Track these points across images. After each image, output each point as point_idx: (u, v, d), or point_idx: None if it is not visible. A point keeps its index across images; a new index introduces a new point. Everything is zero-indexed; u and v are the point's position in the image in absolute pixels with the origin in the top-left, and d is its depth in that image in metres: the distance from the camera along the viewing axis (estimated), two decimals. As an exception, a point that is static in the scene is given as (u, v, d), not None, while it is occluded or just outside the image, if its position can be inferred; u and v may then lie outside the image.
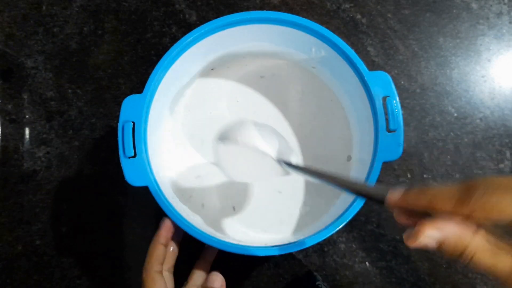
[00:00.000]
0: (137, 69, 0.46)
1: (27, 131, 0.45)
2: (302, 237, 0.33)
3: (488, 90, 0.46)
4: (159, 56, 0.35)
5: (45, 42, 0.46)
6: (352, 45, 0.43)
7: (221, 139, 0.33)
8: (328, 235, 0.32)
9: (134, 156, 0.33)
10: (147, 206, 0.43)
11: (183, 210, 0.36)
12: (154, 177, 0.34)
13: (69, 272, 0.43)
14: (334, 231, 0.32)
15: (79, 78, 0.46)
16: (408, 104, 0.46)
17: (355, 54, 0.35)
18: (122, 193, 0.44)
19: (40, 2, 0.47)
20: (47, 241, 0.43)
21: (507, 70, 0.47)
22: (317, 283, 0.41)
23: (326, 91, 0.43)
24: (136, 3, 0.47)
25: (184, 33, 0.35)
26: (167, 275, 0.35)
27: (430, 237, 0.18)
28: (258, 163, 0.32)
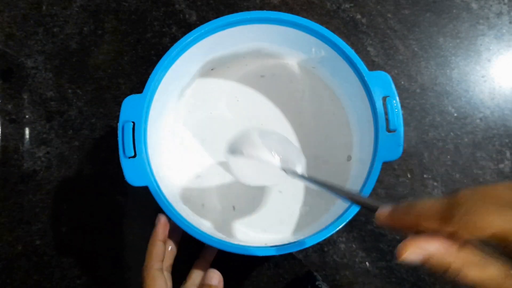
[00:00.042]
0: (137, 69, 0.46)
1: (27, 131, 0.45)
2: (302, 237, 0.33)
3: (488, 90, 0.46)
4: (159, 56, 0.35)
5: (45, 42, 0.46)
6: (352, 45, 0.43)
7: (230, 152, 0.35)
8: (328, 235, 0.32)
9: (134, 156, 0.33)
10: (147, 206, 0.43)
11: (183, 210, 0.36)
12: (154, 177, 0.34)
13: (69, 272, 0.43)
14: (334, 231, 0.32)
15: (79, 78, 0.46)
16: (408, 104, 0.46)
17: (355, 54, 0.35)
18: (122, 193, 0.44)
19: (40, 2, 0.47)
20: (47, 241, 0.43)
21: (507, 70, 0.47)
22: (317, 283, 0.41)
23: (326, 91, 0.43)
24: (136, 3, 0.47)
25: (184, 33, 0.35)
26: (166, 274, 0.35)
27: (414, 254, 0.19)
28: (266, 170, 0.34)
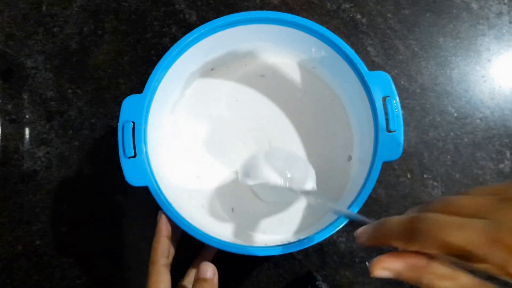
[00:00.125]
0: (137, 69, 0.46)
1: (27, 131, 0.45)
2: (302, 237, 0.33)
3: (488, 90, 0.46)
4: (159, 56, 0.35)
5: (45, 42, 0.46)
6: (352, 45, 0.43)
7: (244, 177, 0.37)
8: (328, 235, 0.32)
9: (134, 156, 0.33)
10: (147, 206, 0.43)
11: (183, 210, 0.36)
12: (154, 177, 0.34)
13: (69, 272, 0.43)
14: (334, 231, 0.32)
15: (79, 78, 0.46)
16: (408, 104, 0.46)
17: (355, 54, 0.35)
18: (122, 193, 0.44)
19: (40, 2, 0.47)
20: (47, 241, 0.43)
21: (507, 70, 0.47)
22: (317, 283, 0.41)
23: (327, 91, 0.43)
24: (136, 3, 0.47)
25: (184, 33, 0.35)
26: None
27: (383, 272, 0.20)
28: (280, 190, 0.36)
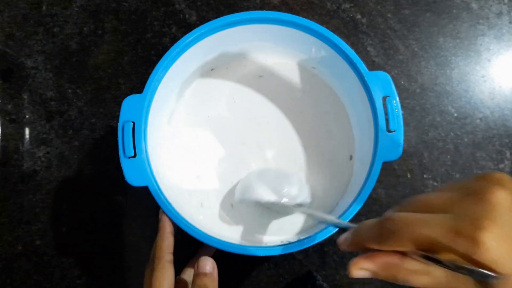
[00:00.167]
0: (137, 69, 0.46)
1: (27, 131, 0.45)
2: (302, 237, 0.33)
3: (488, 90, 0.46)
4: (159, 56, 0.35)
5: (45, 42, 0.46)
6: (352, 45, 0.43)
7: (240, 196, 0.38)
8: (328, 235, 0.32)
9: (134, 156, 0.33)
10: (147, 206, 0.43)
11: (183, 210, 0.36)
12: (154, 177, 0.34)
13: (69, 272, 0.43)
14: (334, 231, 0.32)
15: (79, 78, 0.46)
16: (408, 104, 0.46)
17: (355, 54, 0.35)
18: (122, 193, 0.44)
19: (40, 2, 0.47)
20: (47, 241, 0.43)
21: (507, 70, 0.47)
22: (317, 283, 0.41)
23: (327, 91, 0.43)
24: (136, 3, 0.47)
25: (184, 33, 0.35)
26: None
27: (360, 273, 0.21)
28: (278, 205, 0.37)
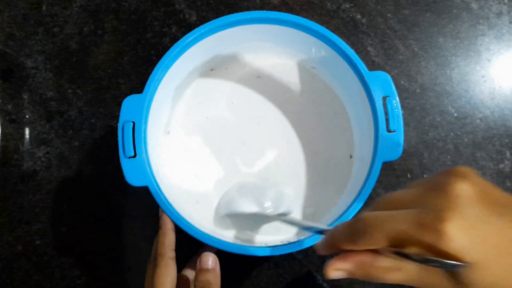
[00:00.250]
0: (137, 69, 0.46)
1: (27, 131, 0.45)
2: (302, 237, 0.33)
3: (488, 90, 0.46)
4: (159, 56, 0.35)
5: (45, 42, 0.46)
6: (352, 45, 0.43)
7: (222, 211, 0.39)
8: (328, 235, 0.32)
9: (134, 156, 0.33)
10: (147, 206, 0.43)
11: (183, 210, 0.36)
12: (154, 177, 0.34)
13: (69, 272, 0.43)
14: (334, 231, 0.32)
15: (79, 78, 0.46)
16: (408, 104, 0.46)
17: (355, 54, 0.35)
18: (122, 193, 0.44)
19: (40, 2, 0.47)
20: (47, 241, 0.43)
21: (507, 70, 0.47)
22: (317, 283, 0.41)
23: (326, 91, 0.43)
24: (136, 3, 0.47)
25: (184, 33, 0.35)
26: None
27: (336, 273, 0.22)
28: (261, 216, 0.38)
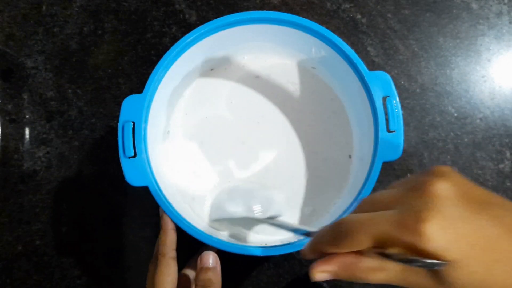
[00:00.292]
0: (137, 69, 0.46)
1: (27, 131, 0.45)
2: (303, 237, 0.33)
3: (488, 90, 0.46)
4: (159, 56, 0.35)
5: (45, 42, 0.46)
6: (352, 45, 0.43)
7: (215, 220, 0.39)
8: (328, 235, 0.32)
9: (134, 156, 0.33)
10: (147, 206, 0.43)
11: (183, 210, 0.36)
12: (154, 177, 0.34)
13: (69, 272, 0.43)
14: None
15: (79, 78, 0.46)
16: (408, 104, 0.46)
17: (355, 54, 0.35)
18: (122, 193, 0.44)
19: (40, 2, 0.47)
20: (47, 241, 0.43)
21: (507, 70, 0.47)
22: (317, 283, 0.41)
23: (326, 91, 0.43)
24: (136, 3, 0.47)
25: (184, 33, 0.35)
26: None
27: (321, 276, 0.22)
28: (250, 219, 0.38)
